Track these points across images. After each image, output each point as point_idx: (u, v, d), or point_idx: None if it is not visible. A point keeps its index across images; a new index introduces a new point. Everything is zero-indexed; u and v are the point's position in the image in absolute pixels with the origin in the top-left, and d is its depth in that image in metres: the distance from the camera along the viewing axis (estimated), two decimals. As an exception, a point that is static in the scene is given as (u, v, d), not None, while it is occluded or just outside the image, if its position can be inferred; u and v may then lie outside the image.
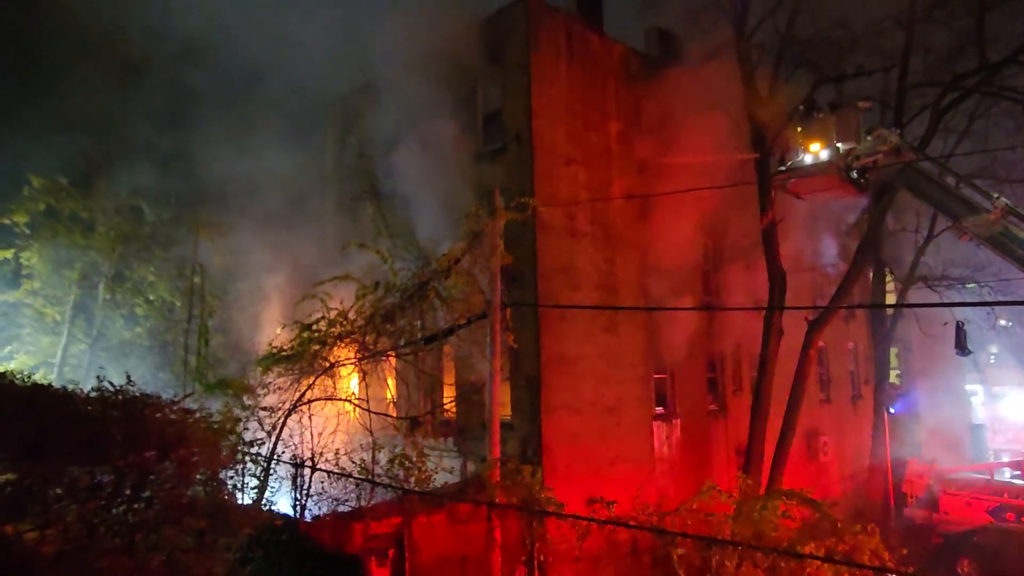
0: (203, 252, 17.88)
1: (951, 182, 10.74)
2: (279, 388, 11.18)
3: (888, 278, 23.33)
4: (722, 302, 16.70)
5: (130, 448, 6.15)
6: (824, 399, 20.79)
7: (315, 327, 11.38)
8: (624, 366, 14.07)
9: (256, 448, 10.32)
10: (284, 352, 11.46)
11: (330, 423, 11.09)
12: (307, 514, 10.36)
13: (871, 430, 21.15)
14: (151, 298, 18.54)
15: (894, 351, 23.90)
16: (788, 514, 9.90)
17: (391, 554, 9.72)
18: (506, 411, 12.43)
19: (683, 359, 15.29)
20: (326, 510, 10.20)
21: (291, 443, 10.90)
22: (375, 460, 10.64)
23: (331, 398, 11.27)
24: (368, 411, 11.44)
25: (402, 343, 11.74)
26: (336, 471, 10.15)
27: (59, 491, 5.87)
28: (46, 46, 16.01)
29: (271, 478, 10.41)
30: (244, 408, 10.75)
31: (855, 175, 11.03)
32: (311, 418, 11.09)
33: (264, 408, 10.92)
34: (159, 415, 6.85)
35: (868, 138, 10.93)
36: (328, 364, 11.30)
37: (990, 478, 18.82)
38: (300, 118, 16.52)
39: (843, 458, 20.75)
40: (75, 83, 16.23)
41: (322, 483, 10.49)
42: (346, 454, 10.63)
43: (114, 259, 17.86)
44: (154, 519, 6.21)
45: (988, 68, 14.08)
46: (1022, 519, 16.37)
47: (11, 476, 5.70)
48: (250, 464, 10.32)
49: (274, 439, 10.70)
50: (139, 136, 16.50)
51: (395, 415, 12.60)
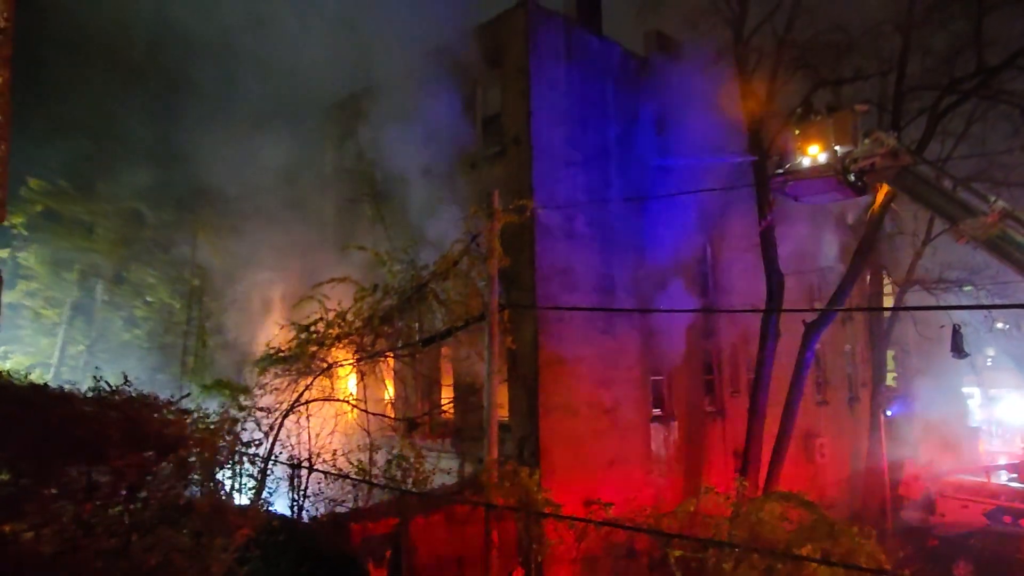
0: (202, 254, 17.90)
1: (948, 185, 10.75)
2: (277, 389, 11.19)
3: (885, 281, 23.39)
4: (720, 304, 16.73)
5: (127, 448, 6.15)
6: (821, 401, 20.81)
7: (313, 328, 11.39)
8: (621, 368, 14.09)
9: (254, 449, 10.31)
10: (282, 353, 11.48)
11: (328, 424, 11.11)
12: (304, 515, 10.36)
13: (868, 432, 21.19)
14: (150, 300, 18.57)
15: (891, 354, 23.96)
16: (785, 516, 9.91)
17: (388, 555, 9.74)
18: (504, 412, 12.43)
19: (680, 361, 15.31)
20: (323, 511, 10.20)
21: (289, 444, 10.91)
22: (373, 461, 10.65)
23: (329, 399, 11.29)
24: (366, 412, 11.46)
25: (400, 345, 11.76)
26: (334, 472, 10.16)
27: (56, 491, 5.87)
28: (46, 47, 16.02)
29: (269, 479, 10.40)
30: (241, 409, 10.75)
31: (853, 178, 11.06)
32: (309, 419, 11.10)
33: (262, 409, 10.93)
34: (157, 416, 6.86)
35: (866, 141, 10.96)
36: (326, 365, 11.31)
37: (987, 480, 18.86)
38: (299, 120, 16.52)
39: (840, 460, 20.77)
40: (75, 85, 16.25)
41: (319, 484, 10.50)
42: (344, 455, 10.64)
43: (114, 261, 17.89)
44: (151, 519, 6.22)
45: (985, 72, 14.13)
46: (1019, 521, 16.40)
47: (8, 476, 5.71)
48: (248, 465, 10.32)
49: (272, 440, 10.71)
50: (139, 138, 16.53)
51: (393, 416, 12.62)
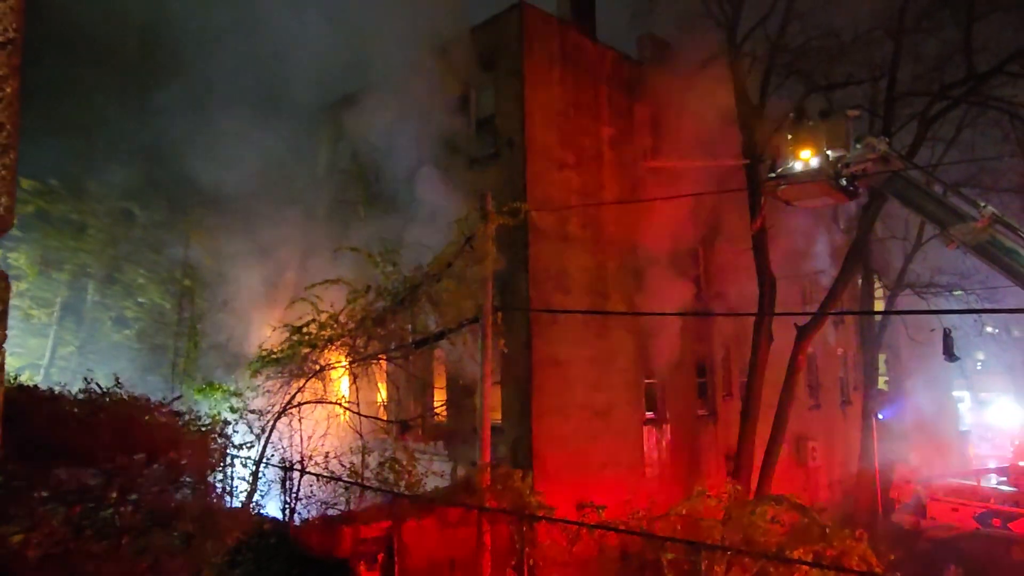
0: (194, 255, 17.79)
1: (939, 190, 10.84)
2: (269, 391, 11.15)
3: (877, 285, 23.52)
4: (713, 308, 16.78)
5: (118, 450, 6.10)
6: (813, 405, 20.90)
7: (306, 330, 11.35)
8: (615, 371, 14.10)
9: (246, 451, 10.26)
10: (274, 355, 11.43)
11: (320, 426, 11.06)
12: (296, 517, 10.32)
13: (860, 435, 21.28)
14: (141, 300, 18.42)
15: (883, 357, 24.08)
16: (777, 519, 9.94)
17: (380, 558, 9.70)
18: (497, 415, 12.43)
19: (674, 364, 15.35)
20: (315, 513, 10.16)
21: (281, 446, 10.86)
22: (365, 464, 10.62)
23: (321, 401, 11.24)
24: (358, 414, 11.42)
25: (393, 346, 11.73)
26: (326, 474, 10.12)
27: (45, 493, 5.81)
28: (35, 44, 15.88)
29: (261, 481, 10.35)
30: (233, 411, 10.70)
31: (844, 182, 11.13)
32: (301, 421, 11.05)
33: (254, 411, 10.88)
34: (148, 417, 6.80)
35: (857, 146, 11.03)
36: (318, 367, 11.27)
37: (977, 484, 18.98)
38: (293, 121, 16.47)
39: (832, 463, 20.86)
40: (66, 83, 16.13)
41: (312, 486, 10.46)
42: (336, 457, 10.60)
43: (104, 261, 17.74)
44: (141, 522, 6.16)
45: (975, 78, 14.26)
46: (1008, 525, 16.50)
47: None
48: (240, 467, 10.26)
49: (264, 442, 10.66)
50: (131, 137, 16.41)
51: (385, 419, 12.58)
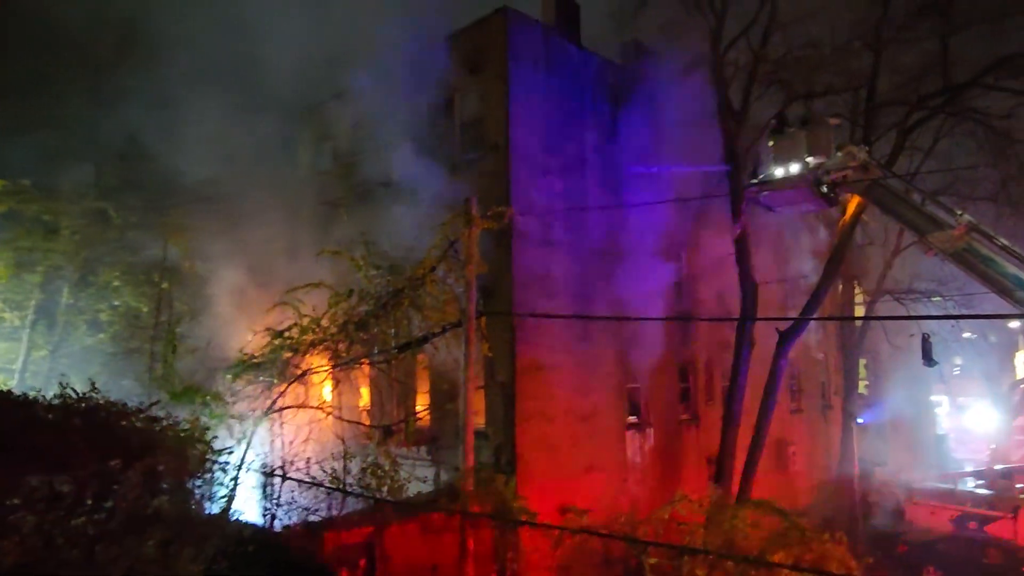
0: (172, 256, 17.52)
1: (917, 199, 11.03)
2: (250, 396, 10.99)
3: (857, 290, 23.82)
4: (695, 312, 16.88)
5: (92, 457, 5.98)
6: (795, 409, 21.09)
7: (287, 334, 11.23)
8: (598, 375, 14.12)
9: (225, 457, 10.11)
10: (255, 359, 11.28)
11: (302, 432, 10.93)
12: (277, 524, 10.18)
13: (840, 439, 21.51)
14: (116, 303, 18.06)
15: (863, 362, 24.36)
16: (758, 523, 10.01)
17: (362, 564, 9.62)
18: (480, 420, 12.38)
19: (656, 369, 15.41)
20: (296, 519, 10.03)
21: (262, 452, 10.71)
22: (347, 469, 10.51)
23: (303, 406, 11.11)
24: (341, 419, 11.31)
25: (375, 351, 11.64)
26: (307, 480, 9.99)
27: (16, 501, 5.67)
28: (5, 41, 15.62)
29: (241, 487, 10.20)
30: (213, 416, 10.53)
31: (825, 189, 11.28)
32: (282, 426, 10.92)
33: (234, 416, 10.72)
34: (124, 423, 6.68)
35: (838, 154, 11.21)
36: (300, 372, 11.15)
37: (954, 488, 19.24)
38: (275, 123, 16.32)
39: (812, 467, 21.04)
40: (38, 81, 15.84)
41: (293, 492, 10.32)
42: (318, 463, 10.48)
43: (78, 263, 17.37)
44: (116, 530, 6.03)
45: (952, 89, 14.55)
46: (984, 528, 16.75)
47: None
48: (219, 473, 10.10)
49: (244, 448, 10.50)
50: (106, 137, 16.11)
51: (368, 423, 12.48)
